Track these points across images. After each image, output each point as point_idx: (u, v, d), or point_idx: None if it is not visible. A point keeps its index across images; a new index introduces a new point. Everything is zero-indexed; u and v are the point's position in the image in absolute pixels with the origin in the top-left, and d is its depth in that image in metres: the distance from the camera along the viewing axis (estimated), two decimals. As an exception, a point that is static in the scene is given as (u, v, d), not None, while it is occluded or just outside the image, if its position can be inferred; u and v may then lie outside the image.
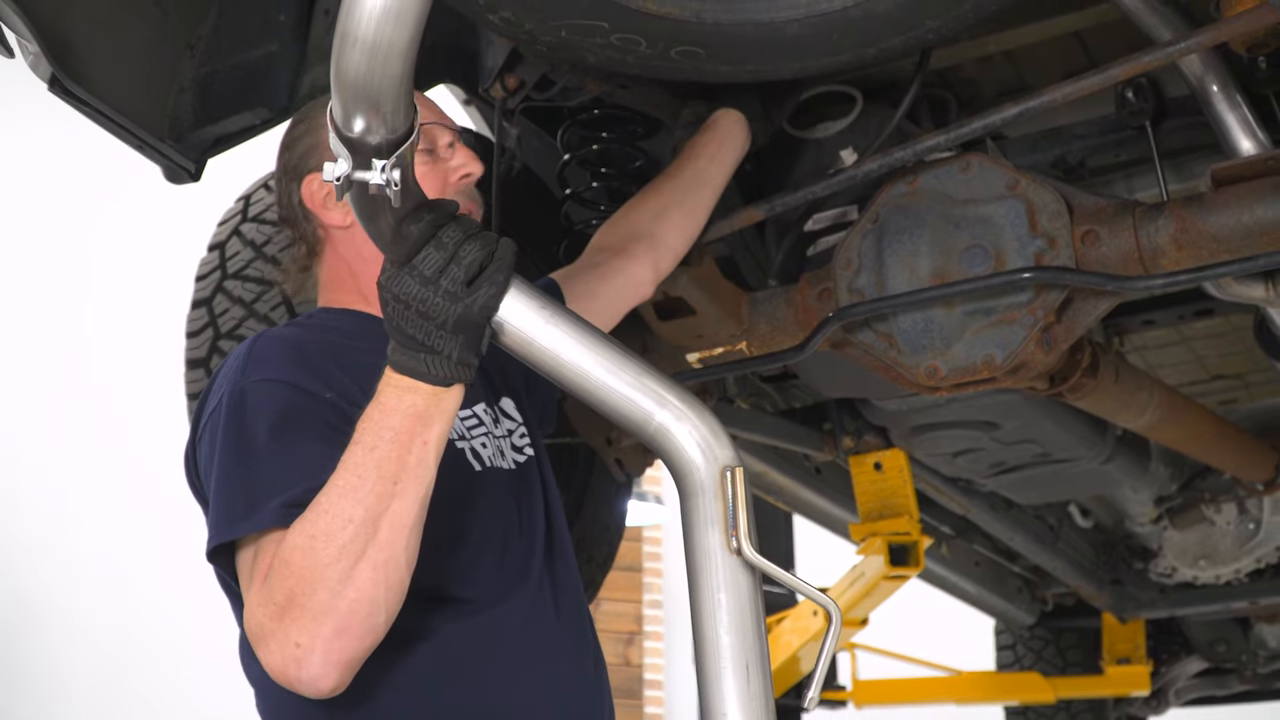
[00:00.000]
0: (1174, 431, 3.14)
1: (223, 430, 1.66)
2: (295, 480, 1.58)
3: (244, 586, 1.60)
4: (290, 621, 1.50)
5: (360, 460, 1.53)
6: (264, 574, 1.55)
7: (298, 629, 1.50)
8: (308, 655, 1.50)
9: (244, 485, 1.61)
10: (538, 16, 2.09)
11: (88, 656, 7.37)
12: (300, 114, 2.02)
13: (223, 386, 1.71)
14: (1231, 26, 2.02)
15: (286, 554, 1.51)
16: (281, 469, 1.60)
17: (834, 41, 2.11)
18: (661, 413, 1.61)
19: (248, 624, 1.55)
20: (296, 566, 1.50)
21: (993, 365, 2.25)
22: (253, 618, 1.54)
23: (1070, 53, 2.59)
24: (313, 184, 1.92)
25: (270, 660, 1.52)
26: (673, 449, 1.62)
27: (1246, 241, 2.12)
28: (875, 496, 3.67)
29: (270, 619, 1.51)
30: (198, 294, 2.58)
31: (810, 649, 4.45)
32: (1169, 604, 4.94)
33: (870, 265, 2.32)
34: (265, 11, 2.33)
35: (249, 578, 1.59)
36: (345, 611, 1.50)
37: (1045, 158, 2.72)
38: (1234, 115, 2.33)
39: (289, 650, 1.50)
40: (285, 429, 1.64)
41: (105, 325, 7.69)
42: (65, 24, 2.08)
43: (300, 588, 1.50)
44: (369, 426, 1.55)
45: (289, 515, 1.55)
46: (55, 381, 7.59)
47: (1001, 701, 6.06)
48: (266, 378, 1.70)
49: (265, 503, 1.58)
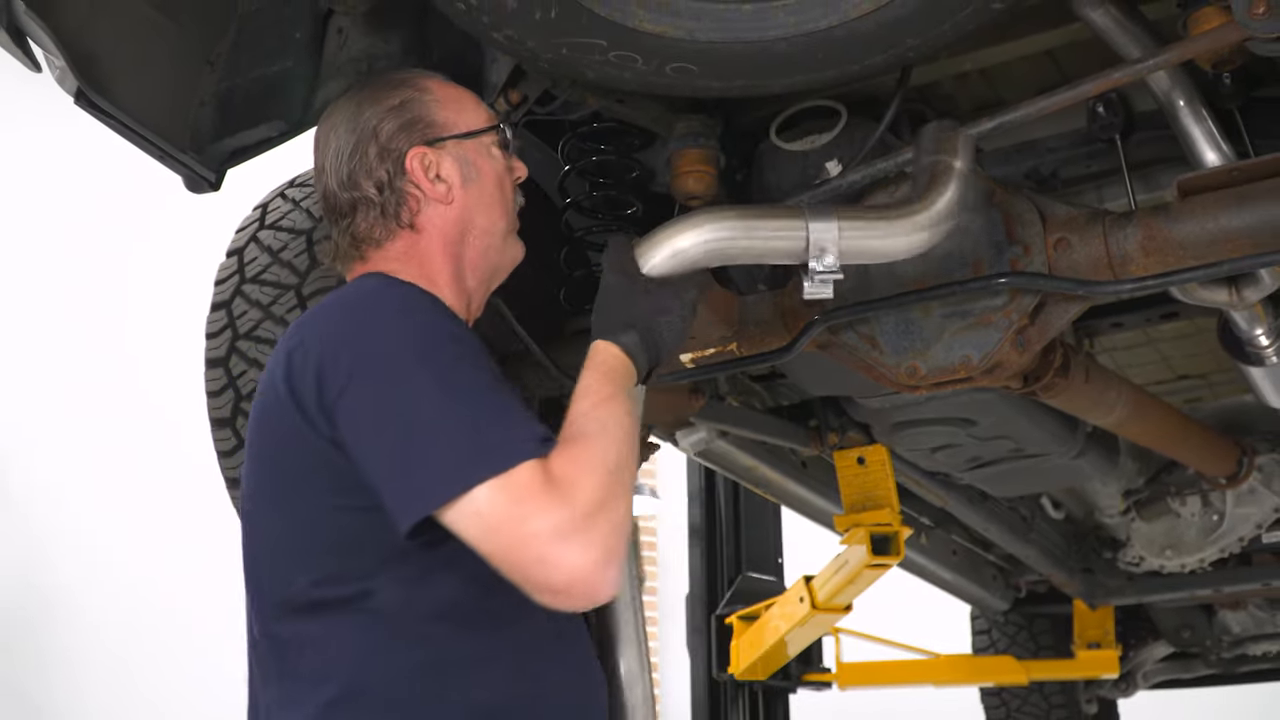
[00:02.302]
0: (1141, 428, 3.14)
1: (407, 378, 1.63)
2: (517, 411, 1.64)
3: (502, 513, 1.54)
4: (597, 528, 1.54)
5: (619, 401, 1.71)
6: (535, 492, 1.54)
7: (602, 535, 1.54)
8: (613, 559, 1.55)
9: (471, 424, 1.60)
10: (540, 35, 2.09)
11: (104, 648, 7.34)
12: (379, 88, 1.98)
13: (370, 336, 1.69)
14: (1197, 44, 2.03)
15: (576, 471, 1.57)
16: (496, 403, 1.63)
17: (820, 59, 2.11)
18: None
19: (526, 538, 1.53)
20: (592, 483, 1.57)
21: (970, 365, 2.25)
22: (547, 522, 1.53)
23: (1043, 70, 2.59)
24: (419, 157, 1.91)
25: (573, 561, 1.52)
26: None
27: (1211, 248, 2.12)
28: (858, 489, 3.67)
29: (576, 524, 1.53)
30: (217, 297, 2.58)
31: (797, 634, 4.45)
32: (1137, 591, 4.94)
33: (854, 270, 2.32)
34: (282, 29, 2.33)
35: (508, 503, 1.54)
36: (625, 530, 1.59)
37: (1020, 169, 2.73)
38: (1199, 129, 2.34)
39: (595, 554, 1.53)
40: (473, 368, 1.67)
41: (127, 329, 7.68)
42: (90, 40, 2.08)
43: (606, 499, 1.57)
44: (612, 376, 1.76)
45: (545, 447, 1.59)
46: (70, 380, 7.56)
47: (977, 683, 6.06)
48: (433, 322, 1.73)
49: (511, 436, 1.59)
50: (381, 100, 1.95)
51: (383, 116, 1.93)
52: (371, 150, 1.91)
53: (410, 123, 1.93)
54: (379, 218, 1.91)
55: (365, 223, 1.92)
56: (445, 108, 1.98)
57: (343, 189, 1.93)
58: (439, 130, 1.96)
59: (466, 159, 1.96)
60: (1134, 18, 2.21)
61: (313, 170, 2.01)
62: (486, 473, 1.55)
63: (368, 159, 1.91)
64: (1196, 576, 4.70)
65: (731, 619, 4.88)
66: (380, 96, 1.96)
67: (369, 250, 1.92)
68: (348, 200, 1.92)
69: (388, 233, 1.92)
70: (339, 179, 1.93)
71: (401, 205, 1.91)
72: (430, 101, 1.97)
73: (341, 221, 1.94)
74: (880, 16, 2.02)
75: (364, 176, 1.91)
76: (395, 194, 1.91)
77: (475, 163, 1.98)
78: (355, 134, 1.93)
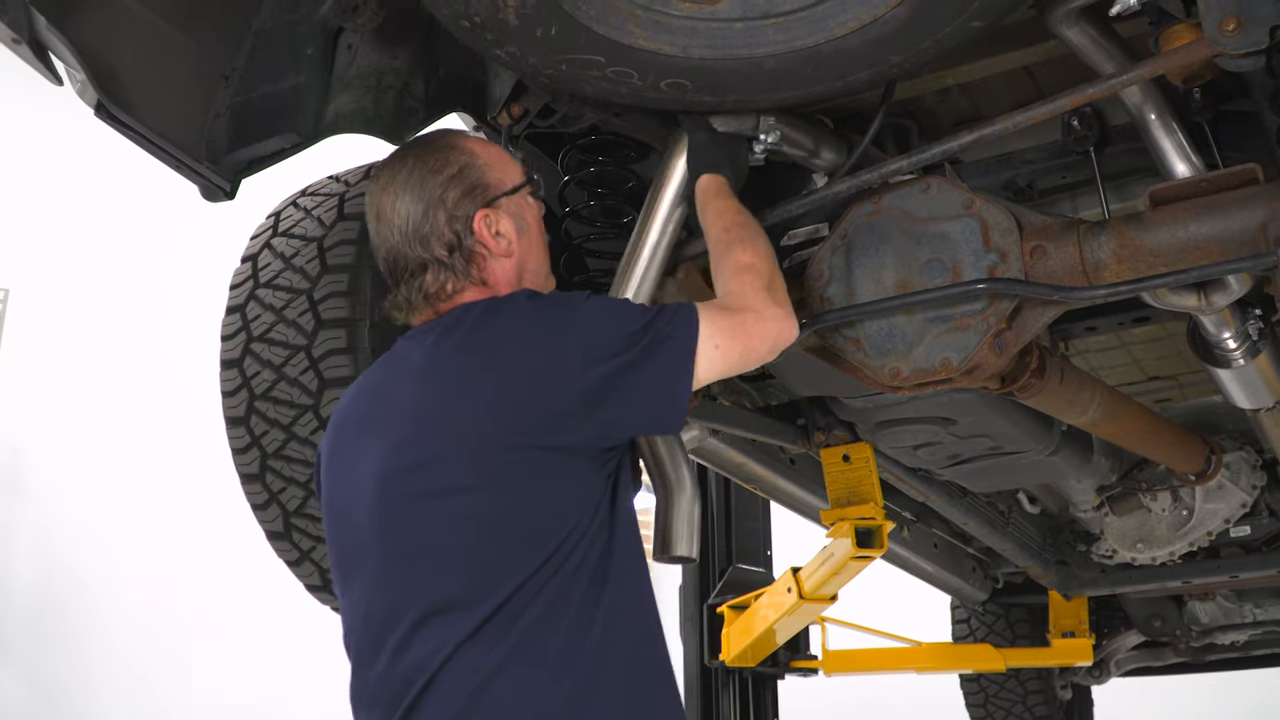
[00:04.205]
0: (1114, 427, 3.14)
1: (641, 332, 1.87)
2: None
3: (721, 337, 1.91)
4: (779, 303, 1.99)
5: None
6: (730, 310, 1.95)
7: (784, 307, 2.00)
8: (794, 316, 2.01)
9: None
10: (541, 52, 2.10)
11: (124, 635, 7.33)
12: (432, 155, 2.05)
13: (581, 322, 1.88)
14: (1169, 60, 2.03)
15: (751, 276, 2.01)
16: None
17: (808, 75, 2.11)
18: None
19: (748, 332, 1.94)
20: (752, 291, 1.98)
21: (950, 367, 2.25)
22: (747, 307, 1.96)
23: (1021, 85, 2.60)
24: (483, 219, 2.00)
25: (772, 328, 1.97)
26: None
27: (1181, 256, 2.12)
28: (844, 485, 3.67)
29: (765, 306, 1.97)
30: (232, 300, 2.58)
31: (785, 623, 4.45)
32: (1110, 583, 4.95)
33: (840, 277, 2.32)
34: (294, 46, 2.34)
35: (720, 334, 1.91)
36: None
37: (998, 180, 2.73)
38: (1170, 141, 2.34)
39: (789, 318, 2.00)
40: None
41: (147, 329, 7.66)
42: (110, 55, 2.08)
43: (774, 283, 2.01)
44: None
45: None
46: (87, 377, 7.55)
47: (957, 670, 6.07)
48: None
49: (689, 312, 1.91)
50: (440, 169, 2.02)
51: (446, 185, 2.01)
52: (440, 216, 1.99)
53: (471, 188, 2.01)
54: (450, 275, 2.00)
55: (436, 282, 2.00)
56: (493, 169, 2.06)
57: (412, 251, 2.00)
58: (493, 191, 2.04)
59: (517, 213, 2.06)
60: (1108, 35, 2.21)
61: (372, 233, 2.06)
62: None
63: (438, 224, 1.99)
64: (1167, 569, 4.70)
65: (722, 608, 4.88)
66: (438, 165, 2.02)
67: (441, 304, 2.01)
68: (418, 261, 2.00)
69: (458, 287, 2.00)
70: (409, 243, 2.00)
71: (470, 263, 2.00)
72: (482, 165, 2.05)
73: (412, 280, 2.01)
74: (865, 35, 2.03)
75: (435, 240, 1.99)
76: (464, 253, 2.00)
77: (522, 215, 2.07)
78: (423, 202, 2.00)
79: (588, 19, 2.08)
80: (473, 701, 1.70)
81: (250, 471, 2.48)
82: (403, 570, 1.81)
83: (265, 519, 2.52)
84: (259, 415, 2.44)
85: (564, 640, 1.74)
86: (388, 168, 2.06)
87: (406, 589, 1.80)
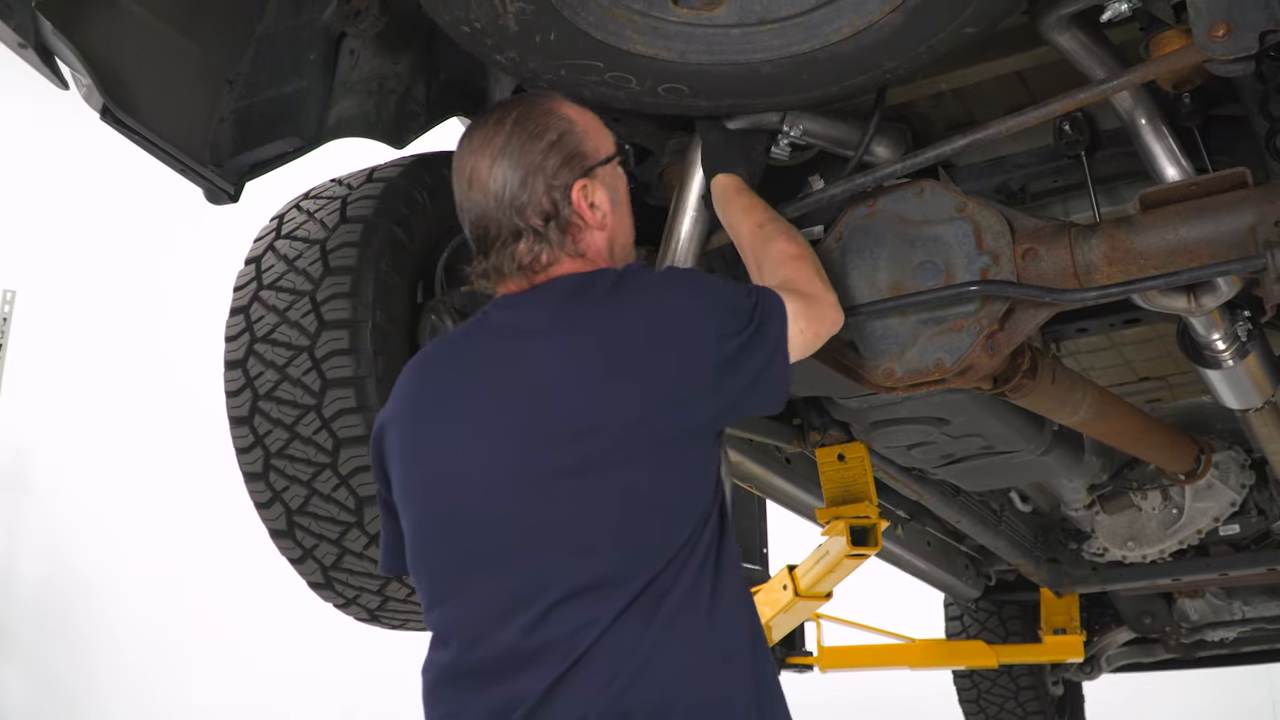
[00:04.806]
0: (1105, 427, 3.15)
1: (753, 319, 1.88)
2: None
3: (802, 320, 1.96)
4: (833, 290, 2.06)
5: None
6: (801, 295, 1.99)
7: (836, 295, 2.07)
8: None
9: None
10: (540, 57, 2.10)
11: (129, 632, 7.33)
12: (531, 121, 1.95)
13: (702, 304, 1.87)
14: (1159, 66, 2.03)
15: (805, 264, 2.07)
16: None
17: (803, 80, 2.12)
18: None
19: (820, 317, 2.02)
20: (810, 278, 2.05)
21: (943, 368, 2.25)
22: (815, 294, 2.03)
23: (1013, 90, 2.60)
24: (581, 189, 1.91)
25: (832, 314, 2.05)
26: None
27: (1171, 258, 2.12)
28: (839, 484, 3.68)
29: (826, 293, 2.04)
30: (236, 302, 2.57)
31: (781, 619, 4.46)
32: (1100, 580, 4.95)
33: (835, 278, 2.33)
34: (297, 51, 2.33)
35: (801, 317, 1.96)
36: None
37: (990, 183, 2.74)
38: (1160, 145, 2.34)
39: (840, 306, 2.07)
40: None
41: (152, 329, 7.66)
42: (115, 59, 2.08)
43: (824, 272, 2.09)
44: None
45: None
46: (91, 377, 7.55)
47: (950, 666, 6.07)
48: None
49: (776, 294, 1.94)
50: (540, 134, 1.93)
51: (545, 153, 1.91)
52: (539, 184, 1.90)
53: (569, 157, 1.92)
54: (545, 246, 1.91)
55: (530, 251, 1.91)
56: (590, 137, 1.97)
57: (506, 218, 1.91)
58: (590, 160, 1.94)
59: (611, 184, 1.97)
60: (1099, 41, 2.21)
61: (460, 196, 1.97)
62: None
63: (536, 193, 1.90)
64: (1157, 566, 4.71)
65: (719, 606, 4.87)
66: (537, 131, 1.93)
67: (536, 275, 1.92)
68: (511, 228, 1.91)
69: (554, 258, 1.92)
70: (504, 210, 1.91)
71: (565, 234, 1.91)
72: (580, 133, 1.95)
73: (504, 249, 1.92)
74: (860, 40, 2.03)
75: (531, 209, 1.90)
76: (560, 224, 1.90)
77: (616, 186, 1.99)
78: (523, 169, 1.90)
79: (586, 25, 2.08)
80: (631, 682, 1.65)
81: (254, 470, 2.48)
82: (539, 545, 1.74)
83: (268, 517, 2.52)
84: (262, 415, 2.43)
85: (705, 618, 1.71)
86: (483, 129, 1.96)
87: (543, 565, 1.72)
